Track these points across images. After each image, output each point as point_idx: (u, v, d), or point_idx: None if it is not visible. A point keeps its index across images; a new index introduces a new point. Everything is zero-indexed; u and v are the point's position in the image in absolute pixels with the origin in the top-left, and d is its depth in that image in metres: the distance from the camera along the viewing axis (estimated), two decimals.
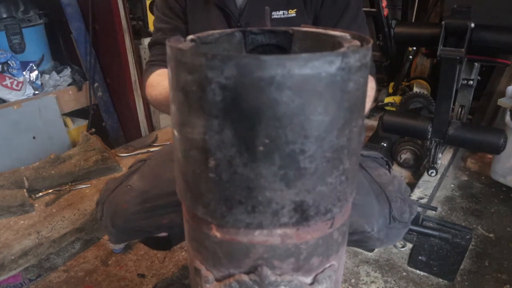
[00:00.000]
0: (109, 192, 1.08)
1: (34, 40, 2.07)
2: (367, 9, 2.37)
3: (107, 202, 1.07)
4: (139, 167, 1.13)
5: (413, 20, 2.80)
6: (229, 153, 0.45)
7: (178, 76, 0.46)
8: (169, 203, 0.99)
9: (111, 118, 2.32)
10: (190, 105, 0.45)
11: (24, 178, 1.66)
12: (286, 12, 1.04)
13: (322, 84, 0.42)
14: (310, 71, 0.41)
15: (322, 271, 0.57)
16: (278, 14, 1.04)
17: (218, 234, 0.53)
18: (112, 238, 1.11)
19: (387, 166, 1.20)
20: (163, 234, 1.16)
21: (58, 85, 2.10)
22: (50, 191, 1.71)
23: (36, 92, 2.00)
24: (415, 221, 1.69)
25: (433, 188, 1.91)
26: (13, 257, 1.39)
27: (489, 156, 2.17)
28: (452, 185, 2.09)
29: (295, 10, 1.05)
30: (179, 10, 1.14)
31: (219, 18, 1.07)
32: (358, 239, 1.03)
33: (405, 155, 2.16)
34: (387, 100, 2.59)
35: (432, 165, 1.95)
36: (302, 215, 0.49)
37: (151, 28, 2.25)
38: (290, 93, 0.41)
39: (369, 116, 2.77)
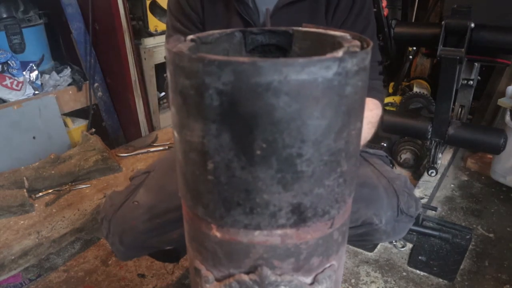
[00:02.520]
0: (115, 208, 1.05)
1: (34, 40, 2.07)
2: None
3: (113, 219, 1.04)
4: (143, 180, 1.10)
5: (413, 20, 2.79)
6: (227, 157, 0.45)
7: (176, 79, 0.46)
8: (178, 217, 0.96)
9: (111, 118, 2.32)
10: (189, 108, 0.46)
11: (24, 178, 1.66)
12: None
13: (319, 89, 0.42)
14: (307, 76, 0.41)
15: (322, 271, 0.57)
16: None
17: (218, 234, 0.53)
18: (120, 256, 1.08)
19: (391, 165, 1.21)
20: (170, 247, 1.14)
21: (58, 85, 2.10)
22: (50, 191, 1.71)
23: (36, 92, 2.00)
24: (415, 221, 1.69)
25: (433, 188, 1.91)
26: (13, 257, 1.39)
27: (489, 156, 2.17)
28: (452, 185, 2.09)
29: None
30: (195, 19, 1.10)
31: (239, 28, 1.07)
32: (364, 232, 1.04)
33: (405, 155, 2.16)
34: (387, 100, 2.59)
35: (432, 165, 1.95)
36: (299, 216, 0.49)
37: (151, 28, 2.26)
38: (287, 99, 0.41)
39: None
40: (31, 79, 2.01)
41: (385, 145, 2.19)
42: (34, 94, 1.99)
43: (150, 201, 1.03)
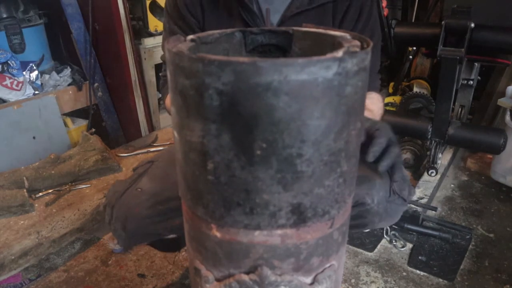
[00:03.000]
0: (118, 195, 1.05)
1: (34, 40, 2.06)
2: None
3: (117, 206, 1.04)
4: (147, 169, 1.10)
5: (413, 20, 2.79)
6: (227, 157, 0.45)
7: (177, 79, 0.46)
8: (181, 205, 0.98)
9: (111, 118, 2.32)
10: (189, 109, 0.46)
11: (24, 178, 1.66)
12: None
13: (319, 89, 0.42)
14: (307, 76, 0.41)
15: (322, 271, 0.57)
16: None
17: (218, 234, 0.53)
18: (121, 242, 1.08)
19: None
20: (172, 235, 1.15)
21: (58, 85, 2.10)
22: (50, 191, 1.71)
23: (36, 92, 2.00)
24: (415, 221, 1.69)
25: (433, 188, 1.91)
26: (13, 257, 1.39)
27: (489, 156, 2.17)
28: (452, 185, 2.09)
29: None
30: (194, 24, 1.08)
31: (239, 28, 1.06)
32: (357, 214, 1.04)
33: (405, 155, 2.16)
34: (387, 100, 2.59)
35: (432, 165, 1.95)
36: (299, 216, 0.49)
37: (151, 28, 2.26)
38: (286, 99, 0.41)
39: None
40: (31, 79, 2.01)
41: None
42: (34, 94, 1.98)
43: (153, 188, 1.03)
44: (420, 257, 1.56)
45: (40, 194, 1.69)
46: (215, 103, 0.43)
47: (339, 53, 0.43)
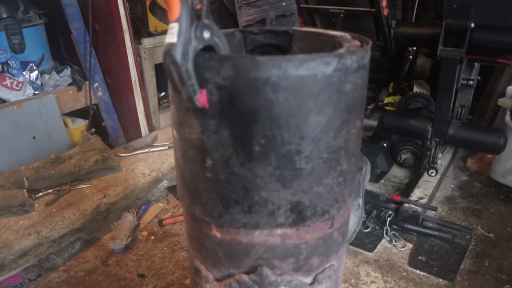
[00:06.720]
0: None
1: (34, 40, 2.07)
2: (367, 9, 2.37)
3: None
4: None
5: (413, 20, 2.79)
6: (225, 153, 0.45)
7: None
8: None
9: (111, 118, 2.32)
10: None
11: (24, 178, 1.66)
12: None
13: (318, 85, 0.42)
14: (306, 72, 0.41)
15: (322, 271, 0.57)
16: None
17: (218, 234, 0.53)
18: None
19: None
20: None
21: (58, 85, 2.10)
22: (50, 191, 1.71)
23: (36, 92, 2.00)
24: (415, 221, 1.69)
25: (433, 188, 1.90)
26: (13, 257, 1.39)
27: (489, 156, 2.17)
28: (452, 185, 2.09)
29: None
30: None
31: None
32: None
33: (405, 155, 2.16)
34: (387, 100, 2.59)
35: (432, 165, 1.95)
36: (298, 215, 0.49)
37: (151, 28, 2.26)
38: (286, 94, 0.41)
39: (369, 116, 2.77)
40: (31, 79, 2.01)
41: (385, 145, 2.19)
42: (34, 94, 1.98)
43: None
44: (420, 257, 1.56)
45: (40, 194, 1.69)
46: (214, 98, 0.43)
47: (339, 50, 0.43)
